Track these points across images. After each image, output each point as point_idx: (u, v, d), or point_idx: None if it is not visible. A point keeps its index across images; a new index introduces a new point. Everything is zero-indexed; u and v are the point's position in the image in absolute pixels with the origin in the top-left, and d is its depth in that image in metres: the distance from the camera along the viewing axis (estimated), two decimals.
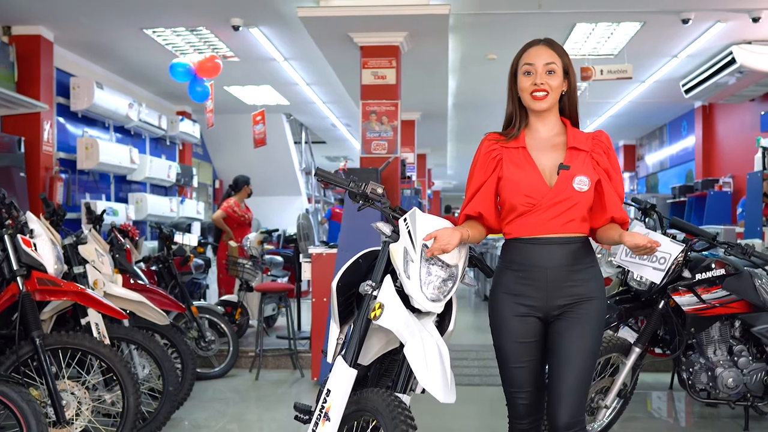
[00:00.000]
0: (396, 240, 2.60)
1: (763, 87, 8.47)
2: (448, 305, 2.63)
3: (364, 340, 2.59)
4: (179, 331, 5.47)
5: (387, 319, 2.45)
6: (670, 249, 3.70)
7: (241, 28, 6.94)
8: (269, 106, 10.82)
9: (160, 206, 9.28)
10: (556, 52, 2.52)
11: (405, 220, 2.60)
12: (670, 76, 9.07)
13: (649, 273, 3.72)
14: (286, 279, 8.29)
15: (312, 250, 6.15)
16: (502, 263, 2.57)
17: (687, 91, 8.98)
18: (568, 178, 2.43)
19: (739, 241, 5.18)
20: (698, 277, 3.77)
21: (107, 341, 4.28)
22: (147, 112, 9.09)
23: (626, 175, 14.58)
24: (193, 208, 10.39)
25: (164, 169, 9.44)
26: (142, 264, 6.49)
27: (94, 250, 4.54)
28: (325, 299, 5.94)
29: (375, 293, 2.57)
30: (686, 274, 3.77)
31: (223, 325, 6.48)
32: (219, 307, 6.86)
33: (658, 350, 4.34)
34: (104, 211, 5.29)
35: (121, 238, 5.17)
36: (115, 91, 8.27)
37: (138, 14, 6.76)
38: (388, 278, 2.58)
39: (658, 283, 3.70)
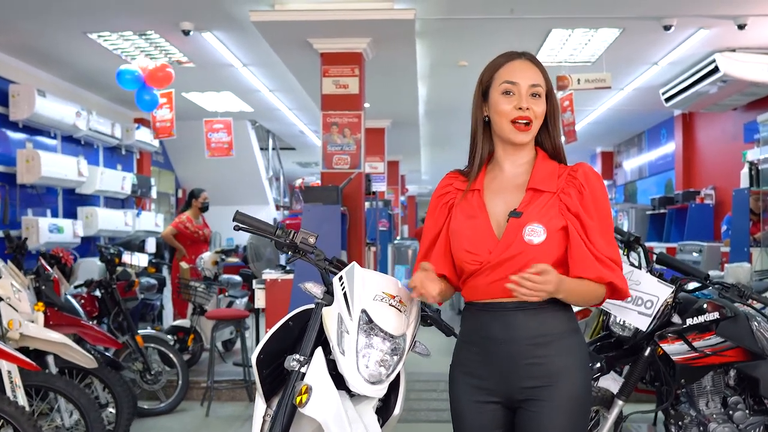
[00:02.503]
0: (330, 303, 2.12)
1: (746, 96, 8.10)
2: (395, 381, 2.15)
3: (291, 424, 2.11)
4: (116, 367, 4.96)
5: (314, 407, 1.97)
6: (658, 291, 3.27)
7: (192, 33, 6.40)
8: (232, 113, 10.29)
9: (112, 220, 8.70)
10: (540, 71, 2.02)
11: (341, 278, 2.12)
12: (650, 84, 8.68)
13: (633, 318, 3.28)
14: (245, 300, 7.77)
15: (266, 275, 5.64)
16: (460, 334, 2.10)
17: (667, 100, 8.59)
18: (517, 227, 1.93)
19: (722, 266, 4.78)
20: (689, 322, 3.32)
21: (20, 392, 3.76)
22: (98, 120, 8.51)
23: (605, 183, 14.16)
24: (151, 220, 9.82)
25: (117, 181, 8.86)
26: (82, 289, 5.96)
27: (9, 285, 4.01)
28: None
29: (303, 370, 2.09)
30: (676, 319, 3.32)
31: (171, 355, 5.96)
32: (168, 336, 6.34)
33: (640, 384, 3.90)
34: (26, 239, 4.75)
35: (48, 267, 4.64)
36: (60, 99, 7.69)
37: (79, 17, 6.21)
38: (319, 352, 2.09)
39: (644, 330, 3.25)
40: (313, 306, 2.21)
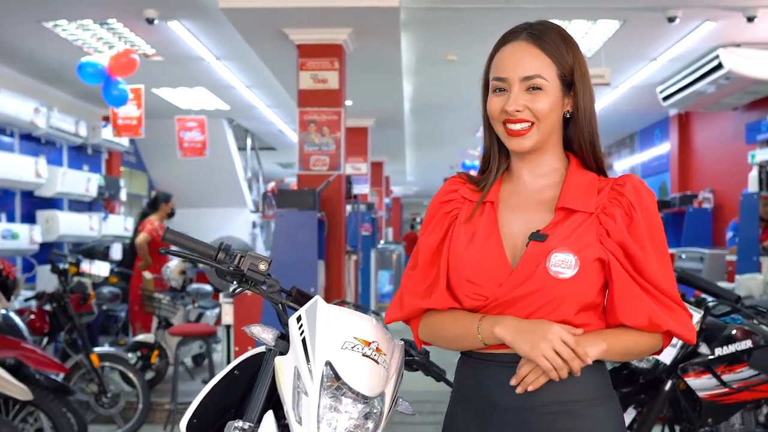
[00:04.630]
0: (286, 350, 1.62)
1: (748, 95, 7.67)
2: None
3: None
4: (65, 392, 4.42)
5: None
6: None
7: (157, 22, 5.87)
8: (208, 111, 9.75)
9: (76, 225, 8.13)
10: (546, 51, 1.49)
11: (299, 319, 1.62)
12: (647, 82, 8.24)
13: None
14: (217, 311, 7.23)
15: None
16: (453, 394, 1.60)
17: (665, 99, 8.16)
18: (539, 255, 1.44)
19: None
20: (718, 352, 2.85)
21: None
22: (60, 117, 7.94)
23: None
24: (120, 224, 9.25)
25: (81, 182, 8.28)
26: (33, 302, 5.43)
27: None
28: (249, 348, 4.92)
29: None
30: (703, 348, 2.84)
31: (131, 375, 5.43)
32: (128, 354, 5.81)
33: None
34: None
35: None
36: (15, 94, 7.12)
37: (30, 4, 5.66)
38: (269, 417, 1.58)
39: (668, 362, 2.77)
40: (257, 354, 1.71)
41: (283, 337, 1.65)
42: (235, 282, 1.74)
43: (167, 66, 7.54)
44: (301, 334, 1.58)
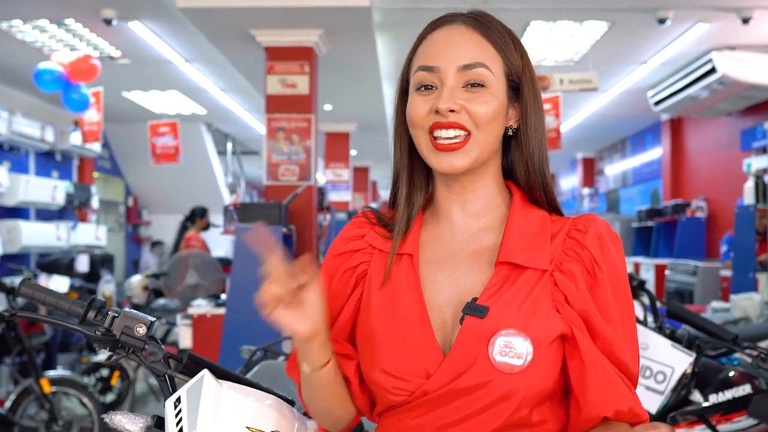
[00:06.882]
0: None
1: (743, 100, 7.35)
2: None
3: None
4: (6, 424, 4.09)
5: None
6: (674, 360, 2.45)
7: (115, 22, 5.51)
8: (184, 116, 9.40)
9: (41, 235, 7.75)
10: (490, 40, 1.11)
11: (177, 402, 1.26)
12: (638, 86, 7.92)
13: (640, 395, 2.45)
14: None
15: (193, 309, 4.76)
16: None
17: (657, 104, 7.84)
18: (479, 337, 1.05)
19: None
20: (713, 399, 2.50)
21: None
22: (24, 122, 7.58)
23: (585, 192, 13.37)
24: (91, 233, 8.88)
25: (47, 190, 7.91)
26: None
27: None
28: None
29: None
30: (695, 395, 2.50)
31: (85, 400, 5.07)
32: (83, 378, 5.45)
33: None
34: None
35: None
36: None
37: None
38: None
39: (654, 412, 2.43)
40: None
41: (161, 424, 1.30)
42: (107, 349, 1.38)
43: (135, 69, 7.19)
44: (178, 423, 1.22)
